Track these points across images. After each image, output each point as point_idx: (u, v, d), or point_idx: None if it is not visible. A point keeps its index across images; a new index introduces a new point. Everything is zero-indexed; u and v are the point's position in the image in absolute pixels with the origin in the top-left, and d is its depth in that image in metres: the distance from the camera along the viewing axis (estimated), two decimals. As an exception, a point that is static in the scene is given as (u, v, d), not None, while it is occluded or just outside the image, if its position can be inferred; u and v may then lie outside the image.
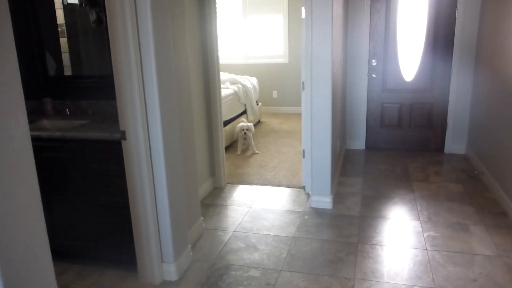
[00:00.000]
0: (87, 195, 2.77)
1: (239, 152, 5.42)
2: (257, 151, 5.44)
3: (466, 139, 5.09)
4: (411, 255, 2.97)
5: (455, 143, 5.16)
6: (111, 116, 3.10)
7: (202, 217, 3.38)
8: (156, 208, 2.63)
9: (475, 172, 4.44)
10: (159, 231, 2.67)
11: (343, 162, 4.96)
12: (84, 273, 2.88)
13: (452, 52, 4.90)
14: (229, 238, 3.27)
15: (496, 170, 3.94)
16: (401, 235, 3.25)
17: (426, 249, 3.03)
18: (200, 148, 3.99)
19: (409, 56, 5.05)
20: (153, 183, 2.58)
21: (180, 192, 2.77)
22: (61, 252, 2.98)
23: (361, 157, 5.16)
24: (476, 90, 4.72)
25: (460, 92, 4.98)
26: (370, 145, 5.46)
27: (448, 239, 3.16)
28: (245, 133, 5.35)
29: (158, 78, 2.42)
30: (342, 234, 3.28)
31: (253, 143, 5.47)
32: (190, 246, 2.95)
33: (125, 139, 2.48)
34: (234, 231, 3.38)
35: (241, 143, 5.45)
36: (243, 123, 5.50)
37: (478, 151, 4.60)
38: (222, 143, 4.27)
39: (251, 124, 5.58)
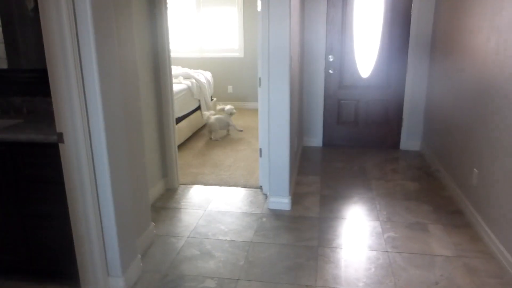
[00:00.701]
0: (19, 204, 2.46)
1: (213, 137, 5.76)
2: (240, 129, 6.03)
3: (421, 136, 5.12)
4: (373, 258, 2.88)
5: (410, 139, 5.17)
6: (49, 115, 2.79)
7: (153, 223, 3.14)
8: (100, 217, 2.37)
9: (431, 169, 4.45)
10: (104, 242, 2.42)
11: (300, 160, 4.85)
12: (19, 290, 2.58)
13: (408, 48, 4.89)
14: (183, 245, 3.06)
15: (451, 167, 3.95)
16: (361, 236, 3.16)
17: (387, 251, 2.96)
18: (151, 147, 3.73)
19: (366, 52, 5.00)
20: (96, 190, 2.32)
21: (127, 198, 2.52)
22: (-8, 267, 2.66)
23: (318, 155, 5.07)
24: (431, 86, 4.74)
25: (415, 89, 4.99)
26: (327, 142, 5.38)
27: (408, 240, 3.11)
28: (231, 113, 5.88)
29: (100, 72, 2.16)
30: (301, 238, 3.14)
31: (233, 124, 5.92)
32: (139, 256, 2.72)
33: (62, 142, 2.20)
34: (188, 237, 3.17)
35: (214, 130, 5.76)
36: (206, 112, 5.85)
37: (432, 148, 4.62)
38: (175, 141, 4.03)
39: (231, 106, 5.95)
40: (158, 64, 3.76)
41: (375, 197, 3.85)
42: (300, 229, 3.27)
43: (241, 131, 5.99)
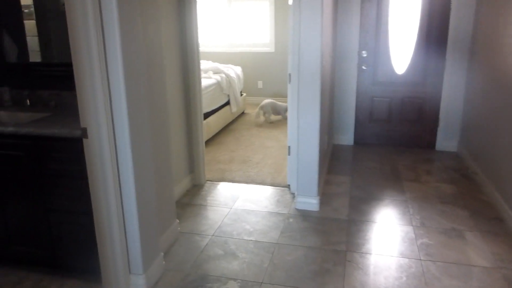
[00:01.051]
0: (44, 198, 2.45)
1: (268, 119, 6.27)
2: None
3: (458, 136, 4.88)
4: (404, 266, 2.73)
5: (446, 140, 4.94)
6: (76, 109, 2.77)
7: (177, 220, 3.09)
8: (123, 214, 2.33)
9: (468, 170, 4.23)
10: (126, 239, 2.38)
11: (330, 159, 4.71)
12: (43, 283, 2.58)
13: (446, 45, 4.65)
14: (207, 244, 3.00)
15: (490, 170, 3.73)
16: (393, 242, 3.01)
17: (420, 259, 2.80)
18: (178, 143, 3.69)
19: (401, 48, 4.80)
20: (119, 187, 2.27)
21: (150, 196, 2.47)
22: (17, 259, 2.68)
23: (349, 154, 4.91)
24: (470, 85, 4.50)
25: (453, 87, 4.75)
26: (359, 140, 5.21)
27: (443, 247, 2.94)
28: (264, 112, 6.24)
29: (125, 67, 2.11)
30: (329, 241, 3.03)
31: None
32: (162, 254, 2.67)
33: (86, 137, 2.17)
34: (212, 236, 3.11)
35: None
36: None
37: (471, 150, 4.39)
38: (202, 137, 3.97)
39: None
40: (187, 59, 3.70)
41: (408, 200, 3.68)
42: (328, 232, 3.15)
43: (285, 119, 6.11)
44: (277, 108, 6.22)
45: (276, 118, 6.40)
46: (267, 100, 6.26)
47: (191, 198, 3.72)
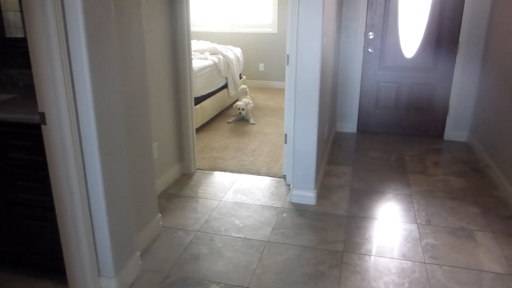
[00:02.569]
0: (5, 191, 2.19)
1: (231, 120, 5.31)
2: (253, 122, 5.27)
3: (469, 126, 4.56)
4: (407, 270, 2.46)
5: (456, 129, 4.62)
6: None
7: (159, 214, 2.83)
8: (90, 210, 2.06)
9: (480, 164, 3.93)
10: (94, 238, 2.12)
11: (332, 148, 4.41)
12: (9, 283, 2.33)
13: (460, 27, 4.30)
14: (191, 241, 2.74)
15: (504, 164, 3.42)
16: (395, 242, 2.74)
17: (425, 263, 2.53)
18: (166, 129, 3.41)
19: (411, 30, 4.45)
20: (85, 179, 2.01)
21: (123, 189, 2.20)
22: (-20, 256, 2.43)
23: (352, 142, 4.61)
24: (485, 71, 4.16)
25: (465, 74, 4.41)
26: (363, 128, 4.91)
27: (450, 249, 2.66)
28: (240, 113, 5.23)
29: (89, 38, 1.81)
30: (325, 239, 2.75)
31: (250, 115, 5.34)
32: (138, 253, 2.41)
33: (45, 123, 1.89)
34: (198, 231, 2.84)
35: (237, 118, 5.35)
36: (239, 102, 5.32)
37: (482, 140, 4.08)
38: (193, 123, 3.69)
39: (248, 100, 5.43)
40: (176, 38, 3.40)
41: (413, 194, 3.39)
42: (324, 229, 2.88)
43: (253, 124, 5.23)
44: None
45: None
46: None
47: (179, 189, 3.46)
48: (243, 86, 5.77)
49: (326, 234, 2.82)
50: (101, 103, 1.93)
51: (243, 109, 5.19)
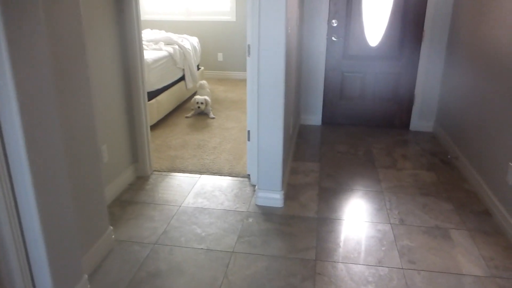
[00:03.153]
0: None
1: (189, 115, 5.00)
2: (213, 116, 4.98)
3: (435, 116, 4.46)
4: (384, 277, 2.28)
5: (422, 119, 4.52)
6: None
7: (111, 227, 2.51)
8: (22, 235, 1.74)
9: (448, 156, 3.83)
10: (29, 266, 1.79)
11: (297, 142, 4.20)
12: None
13: (425, 14, 4.17)
14: (147, 255, 2.44)
15: (472, 155, 3.32)
16: (369, 246, 2.55)
17: (402, 268, 2.36)
18: (117, 128, 3.07)
19: (376, 17, 4.28)
20: (14, 200, 1.67)
21: (63, 207, 1.88)
22: None
23: (318, 135, 4.42)
24: (450, 58, 4.05)
25: (431, 61, 4.30)
26: (328, 120, 4.72)
27: (427, 251, 2.51)
28: (198, 107, 4.93)
29: (8, 27, 1.47)
30: (295, 247, 2.53)
31: (210, 109, 5.05)
32: (86, 276, 2.10)
33: (-43, 133, 1.54)
34: (155, 244, 2.55)
35: (196, 113, 5.04)
36: (198, 96, 5.02)
37: (448, 130, 3.98)
38: (147, 120, 3.36)
39: (206, 97, 5.04)
40: (125, 29, 3.05)
41: (384, 191, 3.23)
42: (294, 235, 2.66)
43: (213, 118, 4.94)
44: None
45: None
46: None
47: (133, 195, 3.14)
48: (203, 81, 5.44)
49: (296, 240, 2.60)
50: (28, 104, 1.60)
51: (201, 103, 4.89)
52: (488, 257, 2.46)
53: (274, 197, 2.97)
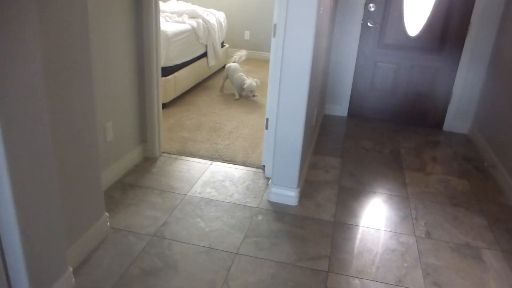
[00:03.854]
0: None
1: (237, 97, 4.69)
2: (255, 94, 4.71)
3: (472, 117, 4.09)
4: (404, 302, 2.01)
5: (458, 119, 4.16)
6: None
7: (106, 214, 2.30)
8: (-3, 221, 1.53)
9: (485, 164, 3.48)
10: (3, 256, 1.59)
11: (319, 134, 3.91)
12: None
13: (473, 6, 3.76)
14: (143, 249, 2.23)
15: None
16: (390, 261, 2.28)
17: (426, 291, 2.08)
18: (126, 104, 2.84)
19: (417, 5, 3.89)
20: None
21: (46, 191, 1.66)
22: None
23: (342, 128, 4.11)
24: (496, 57, 3.66)
25: (474, 58, 3.91)
26: (354, 112, 4.40)
27: (455, 273, 2.22)
28: (254, 95, 4.68)
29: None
30: (307, 254, 2.28)
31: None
32: (71, 270, 1.90)
33: None
34: (153, 236, 2.33)
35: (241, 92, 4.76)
36: (252, 83, 4.63)
37: (486, 135, 3.62)
38: (158, 97, 3.12)
39: (257, 80, 4.72)
40: (141, -6, 2.79)
41: (410, 197, 2.93)
42: (307, 239, 2.40)
43: (237, 99, 4.68)
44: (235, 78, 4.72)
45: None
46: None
47: (138, 177, 2.92)
48: (234, 64, 4.87)
49: (308, 246, 2.34)
50: (6, 73, 1.36)
51: (255, 91, 4.68)
52: (525, 287, 2.16)
53: (289, 194, 2.71)
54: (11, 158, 1.44)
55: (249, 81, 4.60)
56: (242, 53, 5.06)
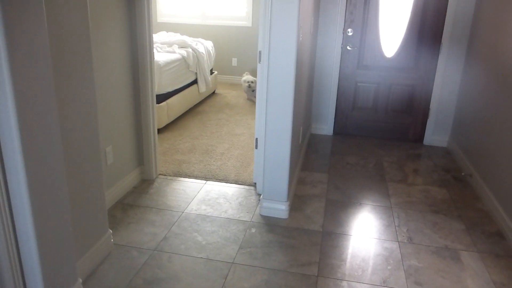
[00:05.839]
0: None
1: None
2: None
3: (450, 131, 4.34)
4: (388, 299, 2.19)
5: (436, 133, 4.41)
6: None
7: (110, 231, 2.47)
8: (16, 237, 1.70)
9: (462, 173, 3.71)
10: (21, 268, 1.75)
11: (306, 151, 4.12)
12: None
13: (443, 25, 4.07)
14: (145, 262, 2.39)
15: (487, 173, 3.21)
16: (375, 264, 2.46)
17: (408, 290, 2.26)
18: (124, 130, 3.04)
19: (392, 27, 4.19)
20: (7, 200, 1.63)
21: (60, 210, 1.84)
22: None
23: (328, 146, 4.33)
24: (468, 72, 3.94)
25: (448, 74, 4.19)
26: (339, 130, 4.64)
27: (435, 273, 2.40)
28: (249, 85, 5.54)
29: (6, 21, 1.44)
30: (297, 261, 2.46)
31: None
32: (80, 281, 2.05)
33: (-49, 131, 1.51)
34: (154, 250, 2.50)
35: (251, 96, 5.66)
36: (247, 76, 5.67)
37: (464, 147, 3.86)
38: (154, 123, 3.32)
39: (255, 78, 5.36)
40: (136, 31, 3.02)
41: (393, 206, 3.14)
42: (297, 248, 2.58)
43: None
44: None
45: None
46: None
47: (137, 198, 3.10)
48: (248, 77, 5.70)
49: (298, 254, 2.52)
50: (26, 104, 1.56)
51: (252, 82, 5.47)
52: (499, 282, 2.35)
53: (279, 208, 2.90)
54: (30, 177, 1.62)
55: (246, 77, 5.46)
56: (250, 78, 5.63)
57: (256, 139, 3.17)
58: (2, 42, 1.42)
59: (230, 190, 3.28)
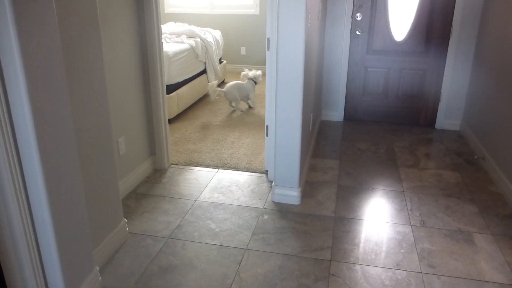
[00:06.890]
0: None
1: (239, 108, 4.96)
2: (252, 106, 5.06)
3: (462, 114, 4.30)
4: (402, 281, 2.20)
5: (448, 117, 4.37)
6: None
7: (124, 220, 2.51)
8: (33, 224, 1.73)
9: (475, 156, 3.68)
10: (40, 257, 1.79)
11: (317, 138, 4.12)
12: None
13: (454, 8, 4.01)
14: (160, 250, 2.43)
15: (500, 156, 3.18)
16: (387, 248, 2.47)
17: (421, 272, 2.27)
18: (135, 121, 3.06)
19: (401, 11, 4.14)
20: (25, 192, 1.67)
21: (75, 198, 1.87)
22: None
23: (339, 132, 4.32)
24: (479, 55, 3.89)
25: (459, 57, 4.14)
26: (350, 116, 4.62)
27: (448, 255, 2.41)
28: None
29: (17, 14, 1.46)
30: (311, 246, 2.47)
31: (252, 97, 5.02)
32: (97, 268, 2.10)
33: (-32, 123, 1.54)
34: (168, 238, 2.54)
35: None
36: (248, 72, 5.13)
37: (476, 130, 3.83)
38: (165, 113, 3.34)
39: (259, 72, 5.10)
40: (144, 22, 3.03)
41: (405, 191, 3.13)
42: (309, 233, 2.60)
43: (252, 108, 5.02)
44: (243, 90, 4.88)
45: (245, 106, 5.08)
46: (230, 84, 4.83)
47: (150, 187, 3.13)
48: (257, 72, 5.16)
49: (311, 239, 2.54)
50: (39, 96, 1.59)
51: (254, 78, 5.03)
52: (513, 263, 2.35)
53: (291, 194, 2.91)
54: (46, 169, 1.65)
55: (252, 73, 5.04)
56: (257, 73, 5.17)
57: (267, 126, 3.18)
58: (14, 34, 1.44)
59: (242, 177, 3.30)
